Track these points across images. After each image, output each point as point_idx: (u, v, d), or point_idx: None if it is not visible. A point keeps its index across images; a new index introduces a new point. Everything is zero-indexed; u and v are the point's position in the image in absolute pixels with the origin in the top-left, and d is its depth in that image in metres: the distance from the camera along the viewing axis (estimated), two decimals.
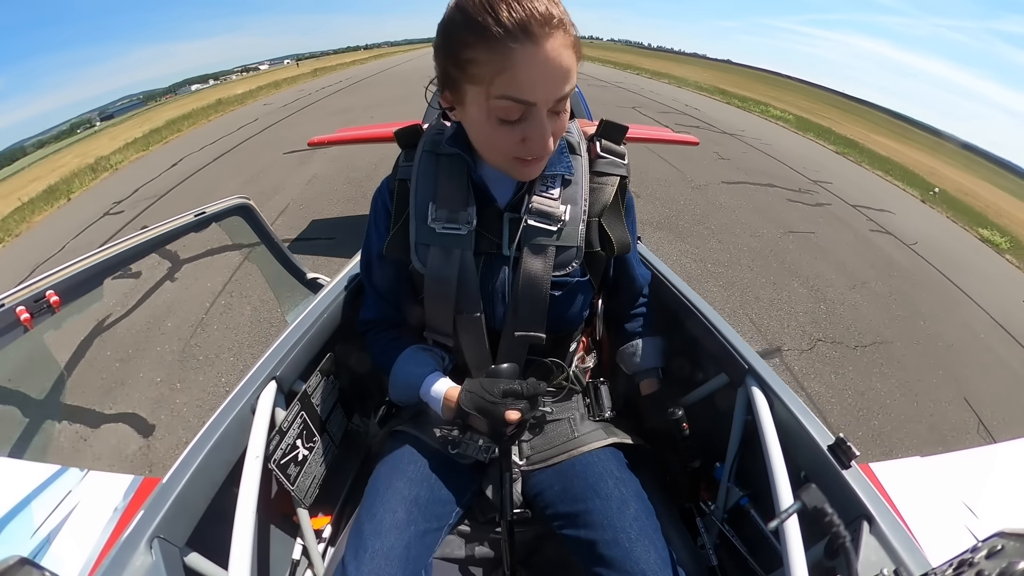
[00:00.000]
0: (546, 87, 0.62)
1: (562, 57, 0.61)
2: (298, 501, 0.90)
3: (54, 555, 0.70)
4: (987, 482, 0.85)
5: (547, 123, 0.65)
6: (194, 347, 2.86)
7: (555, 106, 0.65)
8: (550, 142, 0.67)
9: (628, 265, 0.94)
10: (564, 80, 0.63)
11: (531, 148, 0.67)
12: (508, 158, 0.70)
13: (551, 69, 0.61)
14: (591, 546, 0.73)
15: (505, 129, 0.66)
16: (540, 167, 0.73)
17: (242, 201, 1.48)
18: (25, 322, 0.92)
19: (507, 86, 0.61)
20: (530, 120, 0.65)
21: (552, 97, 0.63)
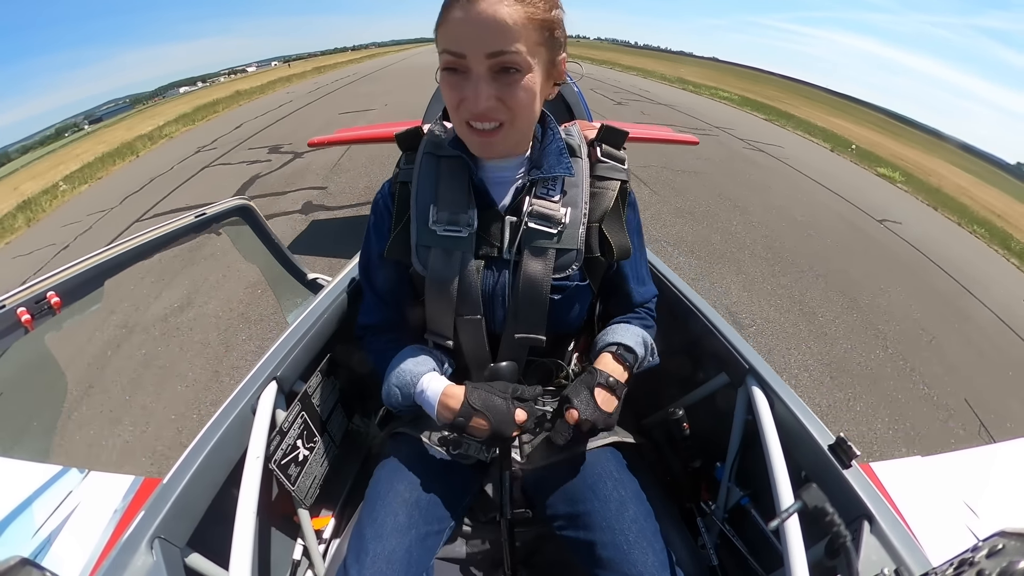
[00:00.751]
0: (474, 38, 0.63)
1: (498, 12, 0.61)
2: (299, 501, 0.90)
3: (55, 556, 0.71)
4: (988, 481, 0.85)
5: (484, 80, 0.65)
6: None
7: (495, 64, 0.64)
8: (484, 102, 0.65)
9: (627, 277, 0.89)
10: (498, 35, 0.62)
11: (469, 107, 0.67)
12: (461, 123, 0.70)
13: (482, 21, 0.62)
14: (590, 547, 0.73)
15: (449, 85, 0.67)
16: (494, 142, 0.71)
17: (243, 202, 1.48)
18: (26, 323, 0.92)
19: (444, 37, 0.65)
20: (466, 76, 0.65)
21: (482, 50, 0.63)
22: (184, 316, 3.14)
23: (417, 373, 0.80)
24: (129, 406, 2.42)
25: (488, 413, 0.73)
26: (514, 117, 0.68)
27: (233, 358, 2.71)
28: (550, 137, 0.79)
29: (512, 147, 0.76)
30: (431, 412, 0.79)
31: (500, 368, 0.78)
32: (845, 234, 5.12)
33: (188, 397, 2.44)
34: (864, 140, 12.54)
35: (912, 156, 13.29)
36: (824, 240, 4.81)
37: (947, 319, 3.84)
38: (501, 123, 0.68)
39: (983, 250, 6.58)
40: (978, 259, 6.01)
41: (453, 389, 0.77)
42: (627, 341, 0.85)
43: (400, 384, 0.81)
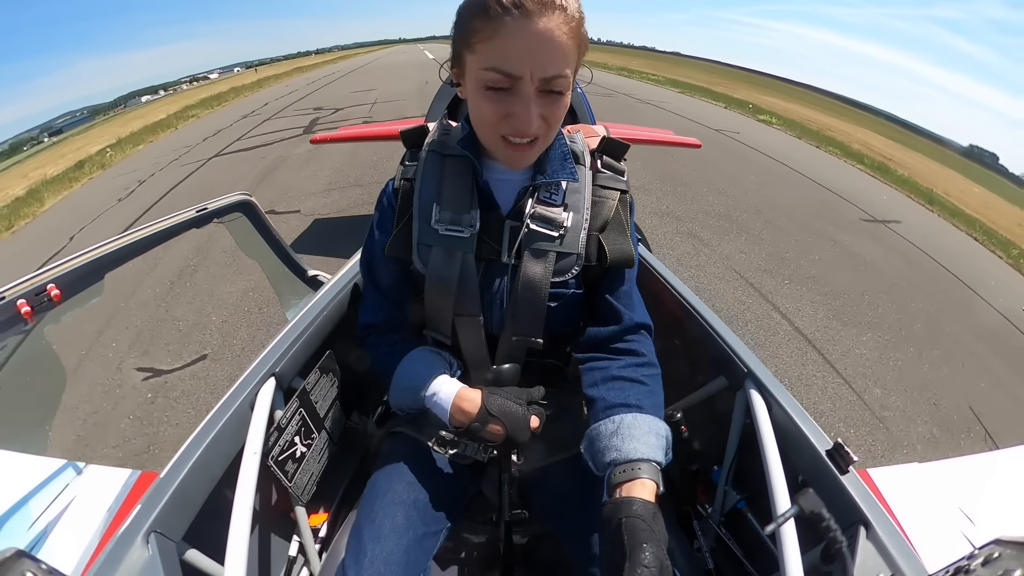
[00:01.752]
0: (533, 61, 0.62)
1: (554, 36, 0.61)
2: (295, 498, 0.90)
3: (51, 548, 0.71)
4: (984, 489, 0.85)
5: (534, 102, 0.65)
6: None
7: (544, 85, 0.64)
8: (535, 122, 0.66)
9: (618, 291, 0.83)
10: (553, 59, 0.63)
11: (514, 124, 0.66)
12: (496, 136, 0.70)
13: (540, 44, 0.61)
14: (587, 547, 0.73)
15: (492, 101, 0.66)
16: (529, 155, 0.72)
17: (244, 198, 1.48)
18: (26, 315, 0.92)
19: (495, 55, 0.63)
20: (516, 94, 0.65)
21: (539, 73, 0.63)
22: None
23: (428, 376, 0.79)
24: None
25: (505, 420, 0.73)
26: (549, 132, 0.70)
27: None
28: (555, 142, 0.79)
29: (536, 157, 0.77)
30: (443, 416, 0.77)
31: (502, 371, 0.78)
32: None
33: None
34: (778, 108, 13.59)
35: (829, 122, 14.20)
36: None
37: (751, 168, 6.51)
38: (537, 137, 0.69)
39: (814, 150, 9.06)
40: (808, 152, 8.79)
41: (468, 393, 0.76)
42: (650, 456, 0.68)
43: (410, 386, 0.79)
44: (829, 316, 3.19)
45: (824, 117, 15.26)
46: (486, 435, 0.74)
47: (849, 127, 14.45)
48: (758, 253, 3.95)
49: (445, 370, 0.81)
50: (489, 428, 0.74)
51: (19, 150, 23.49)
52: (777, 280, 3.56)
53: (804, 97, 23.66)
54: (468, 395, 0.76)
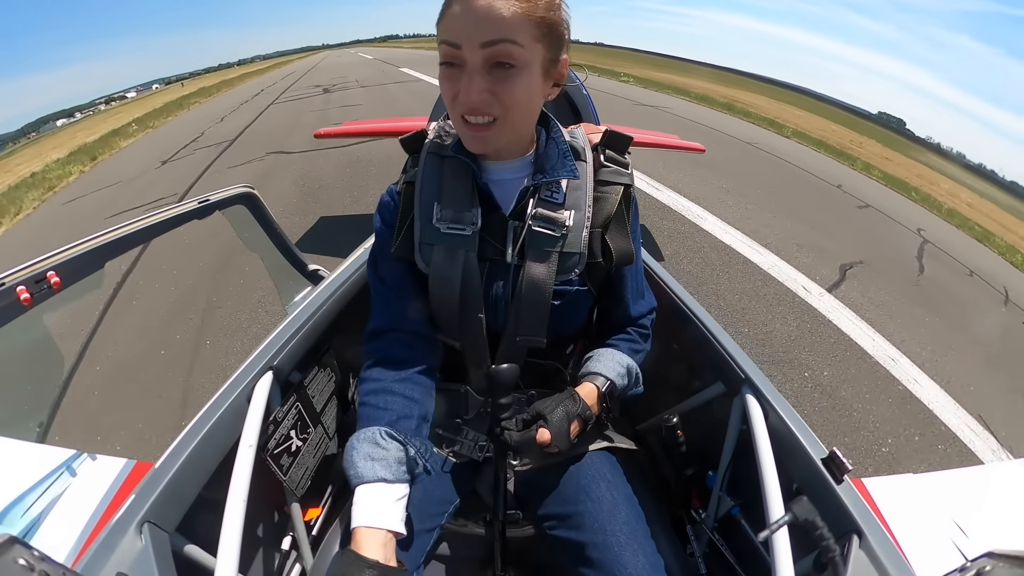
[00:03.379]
0: (470, 27, 0.62)
1: (495, 3, 0.61)
2: (290, 492, 0.90)
3: (44, 535, 0.71)
4: (979, 502, 0.85)
5: (477, 72, 0.64)
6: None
7: (490, 56, 0.64)
8: (476, 93, 0.65)
9: (625, 285, 0.88)
10: (491, 24, 0.62)
11: (462, 99, 0.66)
12: (457, 119, 0.70)
13: (478, 11, 0.62)
14: (580, 548, 0.73)
15: (446, 79, 0.67)
16: (486, 138, 0.70)
17: (246, 190, 1.48)
18: (25, 302, 0.92)
19: (441, 30, 0.66)
20: (463, 71, 0.65)
21: (476, 39, 0.63)
22: None
23: (357, 475, 0.67)
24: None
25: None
26: (507, 112, 0.68)
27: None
28: (553, 139, 0.79)
29: (507, 144, 0.75)
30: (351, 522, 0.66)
31: (500, 371, 0.76)
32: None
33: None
34: (664, 80, 15.76)
35: (702, 85, 16.19)
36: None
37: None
38: (495, 118, 0.68)
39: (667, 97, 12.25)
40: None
41: (366, 536, 0.63)
42: (609, 373, 0.84)
43: (347, 466, 0.69)
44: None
45: (703, 83, 17.27)
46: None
47: (727, 90, 16.91)
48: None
49: (386, 475, 0.67)
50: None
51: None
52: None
53: (703, 74, 26.25)
54: (363, 537, 0.63)
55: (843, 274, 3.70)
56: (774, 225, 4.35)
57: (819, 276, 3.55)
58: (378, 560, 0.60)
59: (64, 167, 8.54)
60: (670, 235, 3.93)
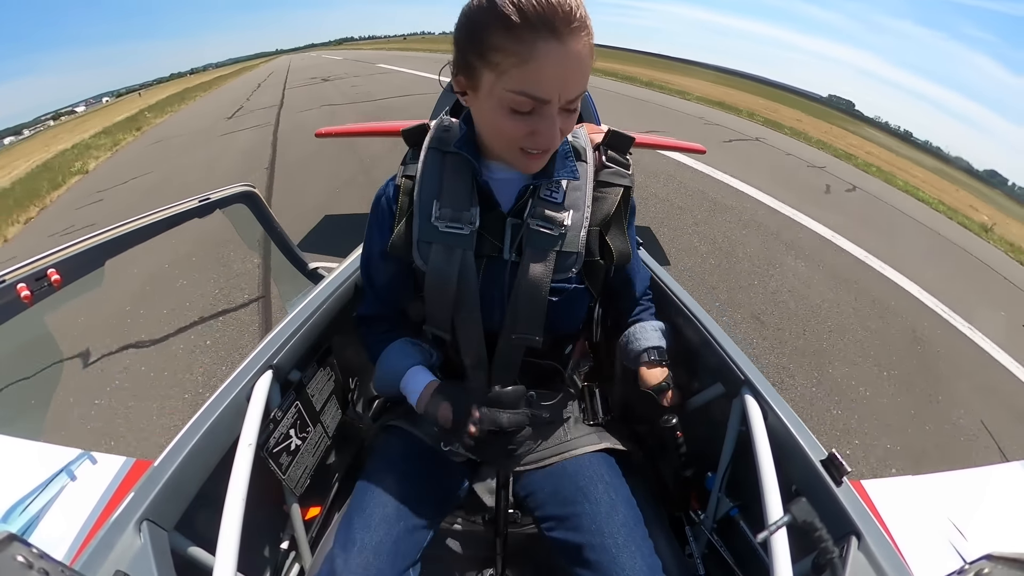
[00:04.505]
0: (563, 86, 0.62)
1: (582, 57, 0.61)
2: (289, 491, 0.90)
3: (43, 533, 0.71)
4: (978, 504, 0.85)
5: (558, 119, 0.65)
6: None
7: (568, 104, 0.65)
8: (558, 138, 0.68)
9: (628, 273, 0.93)
10: (581, 81, 0.64)
11: (538, 142, 0.67)
12: (514, 148, 0.70)
13: (570, 69, 0.61)
14: (578, 550, 0.73)
15: (515, 120, 0.65)
16: (544, 161, 0.73)
17: (247, 189, 1.48)
18: (25, 299, 0.92)
19: (524, 80, 0.61)
20: (542, 115, 0.64)
21: (566, 96, 0.64)
22: None
23: (405, 366, 0.85)
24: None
25: (453, 406, 0.77)
26: (562, 139, 0.72)
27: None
28: None
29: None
30: (412, 402, 0.83)
31: (503, 393, 0.80)
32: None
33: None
34: (601, 67, 16.78)
35: (639, 71, 17.58)
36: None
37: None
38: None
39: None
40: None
41: (432, 383, 0.83)
42: (655, 343, 0.93)
43: (389, 374, 0.86)
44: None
45: (641, 69, 18.81)
46: (439, 419, 0.79)
47: (659, 73, 18.33)
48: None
49: (422, 360, 0.86)
50: (440, 409, 0.78)
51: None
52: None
53: (650, 63, 28.23)
54: (432, 387, 0.82)
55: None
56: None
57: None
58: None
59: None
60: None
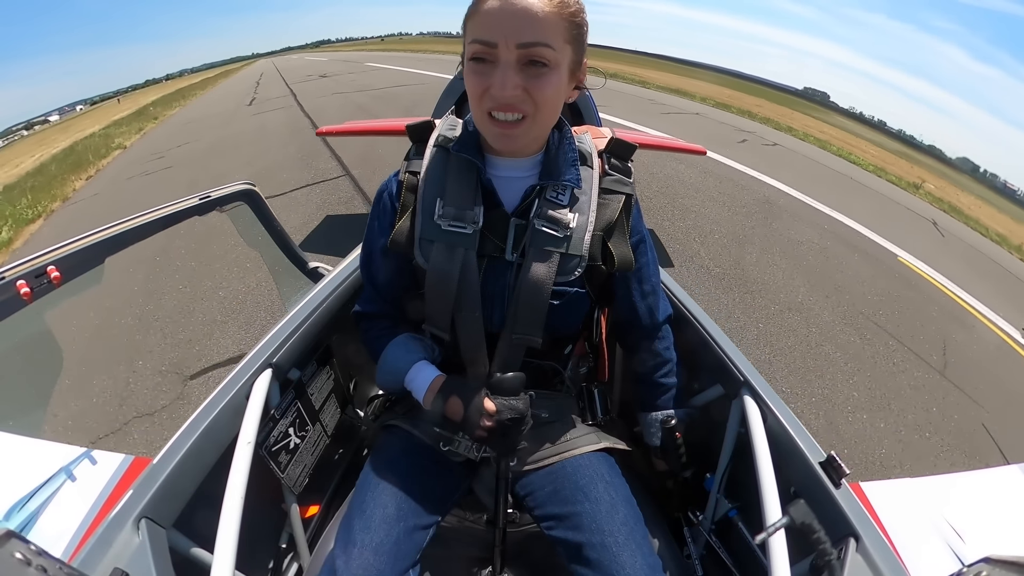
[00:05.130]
0: (507, 27, 0.63)
1: (531, 3, 0.63)
2: (287, 490, 0.90)
3: (41, 530, 0.71)
4: (976, 507, 0.85)
5: (512, 68, 0.65)
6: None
7: (525, 55, 0.65)
8: (510, 88, 0.66)
9: (635, 291, 0.90)
10: (529, 25, 0.63)
11: (493, 94, 0.67)
12: (483, 113, 0.70)
13: (516, 11, 0.63)
14: (578, 548, 0.73)
15: (475, 73, 0.67)
16: (515, 135, 0.71)
17: (247, 187, 1.48)
18: (25, 296, 0.92)
19: (475, 27, 0.66)
20: (495, 66, 0.66)
21: (513, 39, 0.64)
22: None
23: (409, 360, 0.83)
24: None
25: (463, 399, 0.77)
26: (537, 111, 0.69)
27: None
28: (564, 143, 0.79)
29: (530, 143, 0.77)
30: (419, 397, 0.82)
31: (504, 379, 0.78)
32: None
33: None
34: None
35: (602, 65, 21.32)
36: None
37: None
38: (524, 115, 0.69)
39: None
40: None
41: (440, 378, 0.82)
42: (655, 442, 0.96)
43: (392, 370, 0.84)
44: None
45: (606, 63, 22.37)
46: (448, 412, 0.79)
47: (623, 67, 20.56)
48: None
49: (425, 356, 0.85)
50: (449, 404, 0.78)
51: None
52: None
53: (617, 58, 31.56)
54: (440, 381, 0.81)
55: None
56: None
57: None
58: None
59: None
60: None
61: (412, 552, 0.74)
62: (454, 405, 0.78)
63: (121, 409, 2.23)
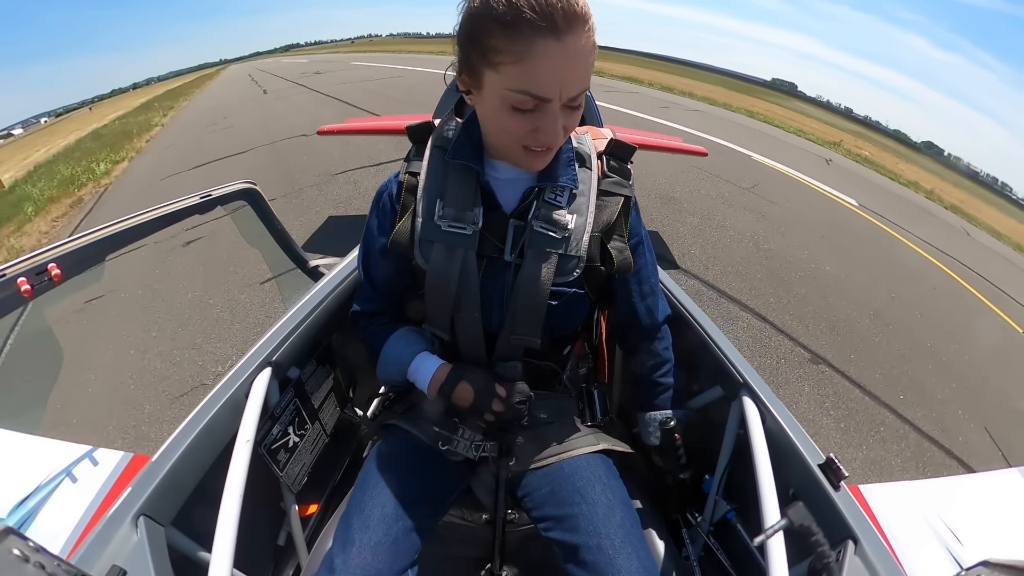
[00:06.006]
0: (563, 83, 0.62)
1: (582, 53, 0.61)
2: (286, 488, 0.90)
3: (40, 527, 0.71)
4: (975, 510, 0.85)
5: (560, 117, 0.65)
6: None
7: (570, 102, 0.65)
8: (561, 135, 0.68)
9: (635, 292, 0.90)
10: (583, 77, 0.63)
11: (541, 139, 0.67)
12: (517, 146, 0.70)
13: (571, 65, 0.61)
14: (575, 550, 0.73)
15: (517, 119, 0.65)
16: (547, 159, 0.73)
17: (248, 186, 1.48)
18: (25, 293, 0.92)
19: (525, 79, 0.61)
20: (544, 112, 0.64)
21: (568, 93, 0.63)
22: None
23: (411, 352, 0.84)
24: None
25: (472, 383, 0.79)
26: (565, 136, 0.71)
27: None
28: (563, 144, 0.79)
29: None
30: (423, 386, 0.82)
31: (504, 367, 0.80)
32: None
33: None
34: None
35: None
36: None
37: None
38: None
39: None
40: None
41: (445, 365, 0.82)
42: (653, 440, 0.95)
43: (394, 362, 0.84)
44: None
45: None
46: (457, 398, 0.80)
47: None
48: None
49: (426, 347, 0.85)
50: (459, 388, 0.79)
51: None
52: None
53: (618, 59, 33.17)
54: (445, 367, 0.82)
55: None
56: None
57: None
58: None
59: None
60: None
61: (410, 551, 0.74)
62: (463, 391, 0.79)
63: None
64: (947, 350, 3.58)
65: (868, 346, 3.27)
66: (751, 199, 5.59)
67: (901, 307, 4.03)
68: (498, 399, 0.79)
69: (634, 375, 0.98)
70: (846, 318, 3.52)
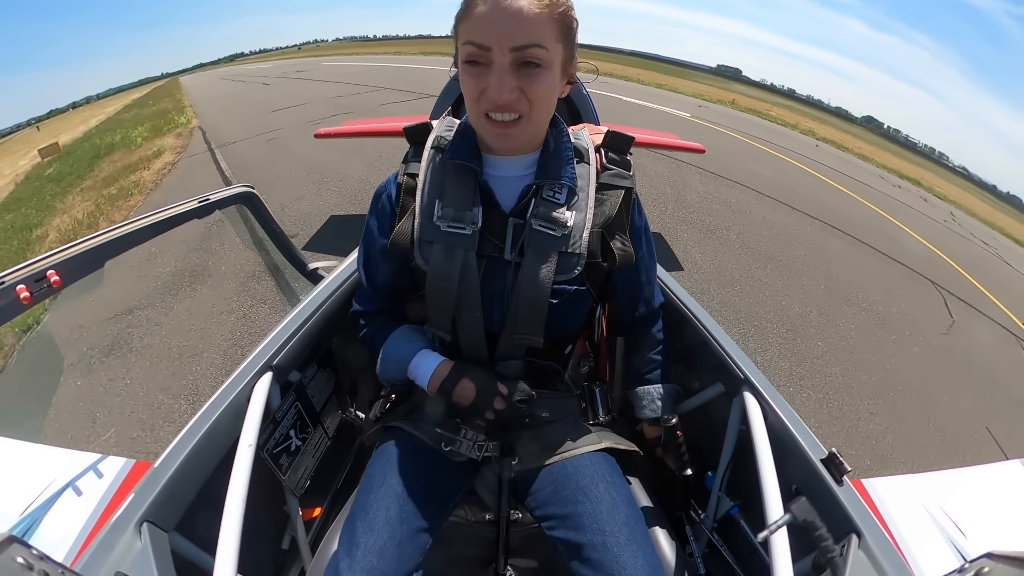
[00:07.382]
0: (501, 31, 0.64)
1: (523, 6, 0.63)
2: (289, 492, 0.90)
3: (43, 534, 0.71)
4: (978, 503, 0.85)
5: (507, 72, 0.66)
6: None
7: (519, 57, 0.65)
8: (507, 92, 0.66)
9: (634, 283, 0.91)
10: (522, 28, 0.64)
11: (490, 96, 0.68)
12: (480, 115, 0.71)
13: (508, 15, 0.63)
14: (579, 549, 0.73)
15: (470, 76, 0.68)
16: (512, 134, 0.72)
17: (247, 190, 1.48)
18: (25, 300, 0.92)
19: (469, 29, 0.66)
20: (489, 67, 0.66)
21: (507, 43, 0.64)
22: None
23: (412, 349, 0.85)
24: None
25: (473, 381, 0.79)
26: (532, 109, 0.70)
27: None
28: (560, 140, 0.79)
29: (527, 141, 0.77)
30: (424, 383, 0.83)
31: (505, 366, 0.81)
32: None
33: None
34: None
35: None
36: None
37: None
38: (520, 115, 0.69)
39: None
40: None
41: (447, 364, 0.83)
42: (654, 415, 0.94)
43: (395, 360, 0.85)
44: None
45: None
46: (458, 395, 0.80)
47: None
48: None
49: (427, 344, 0.86)
50: (460, 385, 0.80)
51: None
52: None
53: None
54: (446, 364, 0.83)
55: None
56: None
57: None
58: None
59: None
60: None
61: (416, 554, 0.74)
62: (464, 388, 0.79)
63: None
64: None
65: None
66: (618, 118, 7.05)
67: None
68: (500, 397, 0.79)
69: (627, 356, 1.00)
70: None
